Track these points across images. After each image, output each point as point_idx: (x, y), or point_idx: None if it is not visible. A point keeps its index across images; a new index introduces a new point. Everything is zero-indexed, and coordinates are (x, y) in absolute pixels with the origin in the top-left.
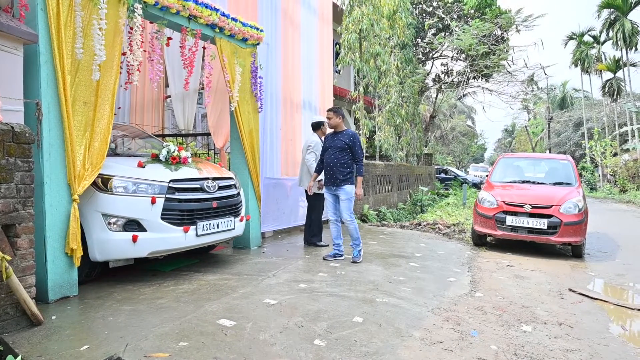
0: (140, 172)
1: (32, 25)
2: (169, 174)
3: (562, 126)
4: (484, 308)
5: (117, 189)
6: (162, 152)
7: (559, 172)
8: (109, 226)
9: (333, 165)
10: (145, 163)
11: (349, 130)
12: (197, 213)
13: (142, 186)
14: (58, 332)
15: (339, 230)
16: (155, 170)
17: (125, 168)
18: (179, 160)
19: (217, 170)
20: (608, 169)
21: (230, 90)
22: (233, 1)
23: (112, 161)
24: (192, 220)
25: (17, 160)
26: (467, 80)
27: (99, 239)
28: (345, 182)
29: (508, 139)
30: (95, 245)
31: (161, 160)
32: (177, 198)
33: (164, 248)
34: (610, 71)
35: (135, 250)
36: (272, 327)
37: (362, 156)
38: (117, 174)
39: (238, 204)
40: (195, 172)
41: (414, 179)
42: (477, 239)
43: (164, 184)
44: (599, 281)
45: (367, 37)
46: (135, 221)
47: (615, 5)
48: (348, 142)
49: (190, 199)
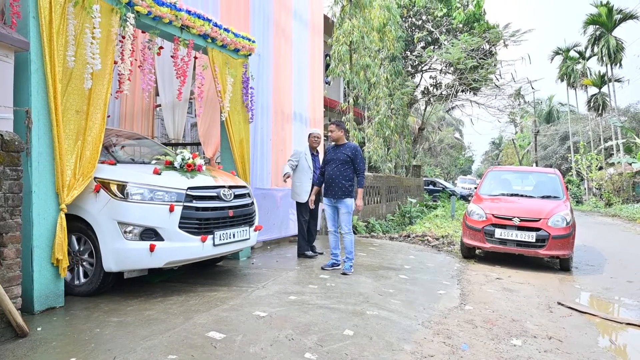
0: (157, 179)
1: (24, 33)
2: (185, 181)
3: (548, 139)
4: (474, 321)
5: (134, 196)
6: (176, 159)
7: (547, 186)
8: (125, 235)
9: (335, 177)
10: (161, 170)
11: (350, 143)
12: (214, 222)
13: (158, 193)
14: (44, 344)
15: (337, 241)
16: (172, 178)
17: (141, 175)
18: (194, 168)
19: (232, 178)
20: (594, 182)
21: (221, 101)
22: (225, 12)
23: (127, 168)
24: (209, 230)
25: (5, 169)
26: (456, 93)
27: (115, 248)
28: (347, 195)
29: (495, 151)
30: (111, 255)
31: (176, 168)
32: (194, 206)
33: (181, 258)
34: (596, 86)
35: (152, 260)
36: (262, 339)
37: (364, 169)
38: (133, 181)
39: (252, 214)
40: (211, 180)
41: (403, 191)
42: (466, 252)
43: (182, 192)
44: (587, 294)
45: (358, 49)
46: (152, 230)
47: (600, 22)
48: (350, 155)
49: (207, 207)
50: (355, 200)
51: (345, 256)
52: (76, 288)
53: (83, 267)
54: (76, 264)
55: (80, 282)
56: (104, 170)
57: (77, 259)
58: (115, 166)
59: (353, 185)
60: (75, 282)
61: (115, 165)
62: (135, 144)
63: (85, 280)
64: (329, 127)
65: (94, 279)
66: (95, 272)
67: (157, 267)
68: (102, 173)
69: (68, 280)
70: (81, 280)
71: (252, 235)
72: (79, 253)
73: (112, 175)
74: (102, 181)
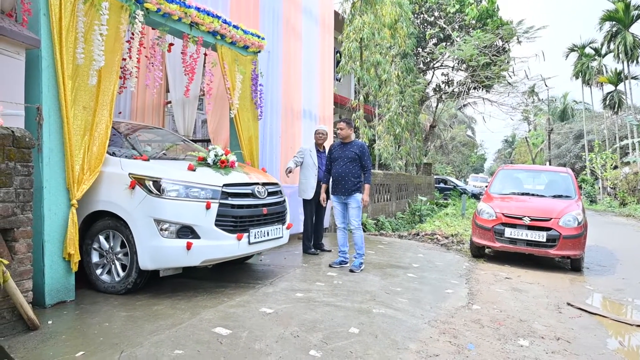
0: (192, 176)
1: (35, 30)
2: (220, 178)
3: (562, 138)
4: (481, 321)
5: (170, 192)
6: (209, 155)
7: (558, 185)
8: (162, 232)
9: (345, 175)
10: (195, 166)
11: (357, 140)
12: (248, 220)
13: (194, 190)
14: (54, 337)
15: (345, 238)
16: (207, 174)
17: (176, 171)
18: (227, 164)
19: (264, 175)
20: (608, 181)
21: (230, 97)
22: (235, 9)
23: (160, 164)
24: (244, 228)
25: (16, 165)
26: (468, 90)
27: (151, 246)
28: (356, 190)
29: (508, 149)
30: (147, 253)
31: (209, 164)
32: (230, 204)
33: (217, 256)
34: (612, 84)
35: (189, 258)
36: (268, 336)
37: (371, 166)
38: (169, 177)
39: (285, 211)
40: (245, 176)
41: (413, 189)
42: (475, 251)
43: (218, 189)
44: (598, 296)
45: (368, 46)
46: (189, 227)
47: (617, 18)
48: (358, 153)
49: (243, 204)
50: (362, 196)
51: (356, 252)
52: (109, 286)
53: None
54: (110, 261)
55: (114, 280)
56: (138, 166)
57: (110, 257)
58: (148, 162)
59: (361, 181)
60: (108, 280)
61: (149, 161)
62: (160, 139)
63: (119, 279)
64: (339, 124)
65: (129, 277)
66: (129, 270)
67: (193, 265)
68: (136, 169)
69: (101, 277)
70: (115, 279)
71: (284, 233)
72: (112, 251)
73: (147, 172)
74: (137, 177)
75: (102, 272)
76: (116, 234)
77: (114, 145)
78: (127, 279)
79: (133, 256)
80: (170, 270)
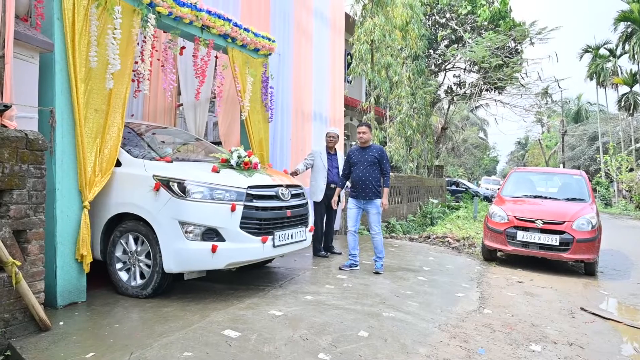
0: (216, 178)
1: (48, 34)
2: (245, 179)
3: (576, 140)
4: (492, 325)
5: (194, 194)
6: (232, 157)
7: (572, 188)
8: (186, 235)
9: (365, 179)
10: (219, 168)
11: (376, 145)
12: (273, 222)
13: (219, 192)
14: (65, 338)
15: (356, 241)
16: (231, 176)
17: (200, 173)
18: (251, 166)
19: (287, 177)
20: (623, 184)
21: (241, 100)
22: (246, 12)
23: (184, 165)
24: (269, 230)
25: (30, 167)
26: (480, 92)
27: (176, 248)
28: (377, 196)
29: (521, 151)
30: (172, 256)
31: (232, 166)
32: (254, 206)
33: (242, 259)
34: (627, 85)
35: (214, 261)
36: (277, 339)
37: (390, 170)
38: (194, 179)
39: (307, 213)
40: (269, 178)
41: (425, 191)
42: (487, 254)
43: (242, 191)
44: (612, 300)
45: (379, 48)
46: (214, 230)
47: (632, 18)
48: (377, 157)
49: (267, 207)
50: (382, 200)
51: (376, 255)
52: (132, 289)
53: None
54: (133, 264)
55: (137, 283)
56: (162, 168)
57: (133, 260)
58: (172, 164)
59: (381, 186)
60: (131, 283)
61: (172, 163)
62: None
63: (142, 282)
64: (360, 128)
65: (152, 280)
66: (152, 273)
67: (218, 268)
68: (160, 171)
69: (124, 280)
70: (137, 282)
71: (307, 235)
72: (136, 254)
73: (171, 173)
74: (161, 179)
75: (125, 274)
76: (140, 237)
77: (136, 147)
78: (150, 282)
79: (157, 259)
80: (195, 273)
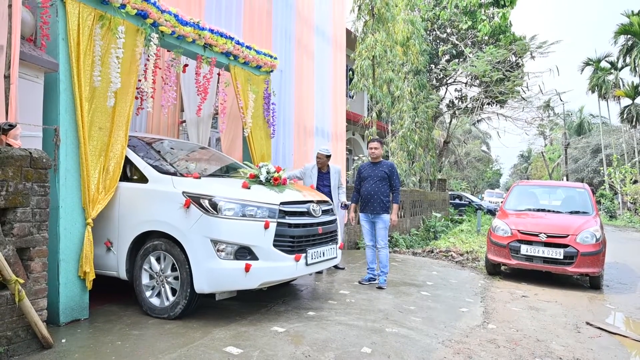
0: (248, 194)
1: (53, 55)
2: (276, 195)
3: (579, 152)
4: (496, 341)
5: (226, 211)
6: (261, 172)
7: (575, 201)
8: (219, 253)
9: (374, 194)
10: (249, 184)
11: (386, 161)
12: (305, 240)
13: (250, 209)
14: (67, 355)
15: (374, 255)
16: (262, 192)
17: (231, 189)
18: (280, 182)
19: (316, 193)
20: (628, 196)
21: (243, 116)
22: (248, 30)
23: (214, 182)
24: (301, 248)
25: (33, 185)
26: (482, 106)
27: (208, 268)
28: (385, 211)
29: (524, 164)
30: (204, 276)
31: (262, 181)
32: (287, 223)
33: (276, 279)
34: (629, 97)
35: (247, 281)
36: (279, 356)
37: (399, 185)
38: (225, 196)
39: (337, 230)
40: (299, 194)
41: (428, 205)
42: (490, 268)
43: (275, 207)
44: (619, 314)
45: (381, 63)
46: (247, 248)
47: (632, 31)
48: (388, 172)
49: (300, 223)
50: (390, 215)
51: (380, 270)
52: (159, 310)
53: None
54: (160, 284)
55: (163, 303)
56: (192, 185)
57: (161, 280)
58: (200, 180)
59: (389, 201)
60: (157, 303)
61: (200, 179)
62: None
63: (169, 303)
64: (372, 144)
65: (180, 300)
66: (180, 293)
67: (251, 288)
68: (190, 187)
69: (150, 300)
70: (164, 303)
71: (338, 253)
72: (163, 273)
73: (201, 190)
74: (191, 196)
75: (152, 294)
76: (167, 256)
77: (161, 162)
78: (178, 303)
79: (185, 279)
80: (226, 293)
